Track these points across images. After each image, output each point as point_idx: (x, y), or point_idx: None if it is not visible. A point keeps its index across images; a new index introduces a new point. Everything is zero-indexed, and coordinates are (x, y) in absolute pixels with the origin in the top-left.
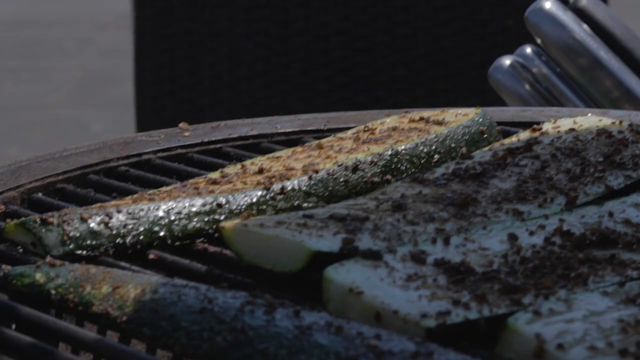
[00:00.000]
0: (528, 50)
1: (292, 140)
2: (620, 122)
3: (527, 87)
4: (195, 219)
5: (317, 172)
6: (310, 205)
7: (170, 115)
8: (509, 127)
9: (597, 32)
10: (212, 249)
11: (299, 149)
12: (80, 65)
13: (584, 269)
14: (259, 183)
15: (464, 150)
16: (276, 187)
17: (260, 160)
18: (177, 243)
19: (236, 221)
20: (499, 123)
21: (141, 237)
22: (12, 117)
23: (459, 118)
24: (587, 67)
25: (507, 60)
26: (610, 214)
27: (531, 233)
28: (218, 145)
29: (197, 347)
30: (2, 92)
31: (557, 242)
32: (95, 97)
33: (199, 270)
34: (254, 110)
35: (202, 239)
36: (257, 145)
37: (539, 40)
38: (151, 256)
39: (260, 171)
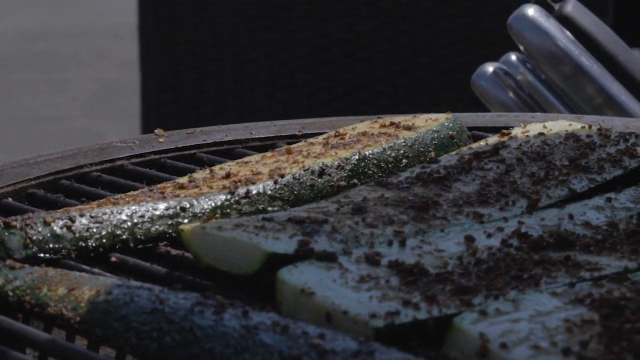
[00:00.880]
0: (513, 57)
1: (266, 145)
2: (590, 127)
3: (510, 94)
4: (159, 223)
5: (282, 176)
6: (275, 209)
7: (175, 125)
8: (483, 133)
9: (581, 39)
10: (174, 251)
11: (268, 154)
12: (96, 76)
13: (538, 270)
14: (224, 187)
15: (432, 154)
16: (241, 191)
17: (229, 166)
18: (140, 246)
19: (195, 224)
20: (474, 128)
21: (104, 241)
22: (27, 128)
23: (429, 123)
24: (570, 74)
25: (490, 67)
26: (571, 217)
27: (489, 235)
28: (192, 151)
29: (146, 347)
30: (19, 103)
31: (514, 244)
32: (110, 108)
33: (159, 272)
34: (258, 119)
35: (165, 242)
36: (231, 151)
37: (522, 48)
38: (113, 259)
39: (227, 176)
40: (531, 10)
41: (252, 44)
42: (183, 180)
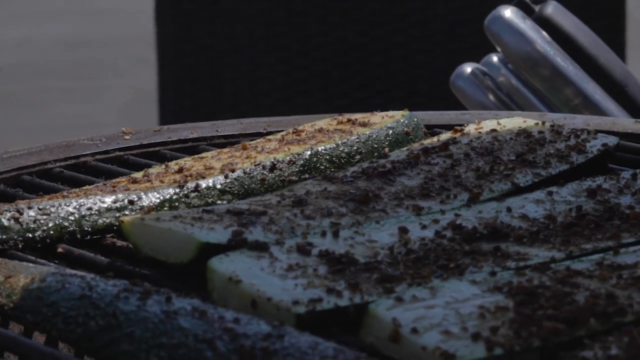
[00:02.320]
0: (494, 58)
1: (230, 143)
2: (543, 123)
3: (489, 94)
4: (106, 215)
5: (233, 171)
6: (225, 202)
7: None
8: (446, 131)
9: (562, 41)
10: (119, 243)
11: (225, 150)
12: (132, 84)
13: (466, 260)
14: (175, 181)
15: (386, 150)
16: (190, 185)
17: (185, 161)
18: (88, 237)
19: (136, 215)
20: (438, 126)
21: (51, 232)
22: (64, 136)
23: (385, 120)
24: (546, 75)
25: (468, 68)
26: (509, 209)
27: (423, 227)
28: (156, 148)
29: (72, 332)
30: (56, 111)
31: (447, 235)
32: (146, 115)
33: (102, 262)
34: None
35: (112, 234)
36: (195, 148)
37: (499, 49)
38: (59, 250)
39: (180, 170)
40: (508, 12)
41: (269, 49)
42: (138, 175)
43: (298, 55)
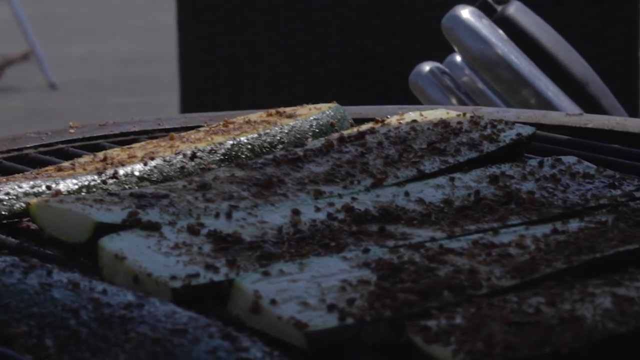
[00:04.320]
0: (457, 58)
1: None
2: (464, 115)
3: (448, 93)
4: (23, 200)
5: (153, 159)
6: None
7: None
8: None
9: (524, 41)
10: (33, 226)
11: (153, 140)
12: None
13: (350, 240)
14: (96, 169)
15: (308, 140)
16: (109, 172)
17: (114, 151)
18: (5, 221)
19: (42, 198)
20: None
21: None
22: None
23: (311, 112)
24: (502, 75)
25: (427, 67)
26: (407, 194)
27: (317, 209)
28: (98, 141)
29: None
30: None
31: (339, 217)
32: None
33: (12, 243)
34: None
35: (28, 217)
36: (136, 140)
37: (455, 49)
38: None
39: (105, 159)
40: (465, 12)
41: (288, 59)
42: (65, 164)
43: (317, 64)
